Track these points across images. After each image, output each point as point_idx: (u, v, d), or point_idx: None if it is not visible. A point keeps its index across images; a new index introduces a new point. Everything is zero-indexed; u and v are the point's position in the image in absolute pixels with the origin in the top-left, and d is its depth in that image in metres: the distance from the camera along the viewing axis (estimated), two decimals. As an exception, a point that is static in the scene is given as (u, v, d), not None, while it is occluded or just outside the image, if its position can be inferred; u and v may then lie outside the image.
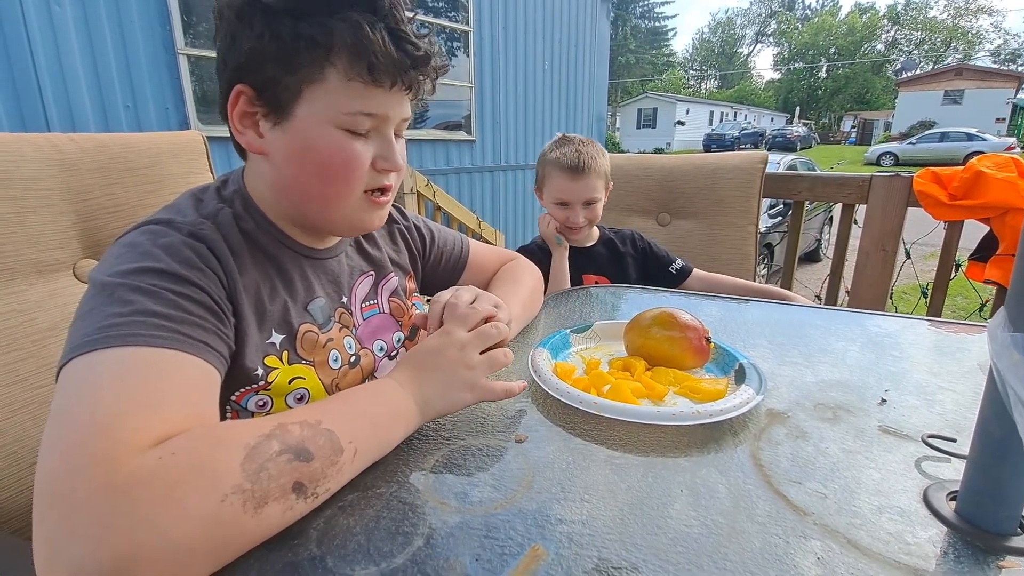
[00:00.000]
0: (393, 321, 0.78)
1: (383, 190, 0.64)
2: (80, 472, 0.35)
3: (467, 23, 4.75)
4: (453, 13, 4.76)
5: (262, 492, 0.37)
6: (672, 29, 56.03)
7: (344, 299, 0.71)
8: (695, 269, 1.37)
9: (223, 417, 0.61)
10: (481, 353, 0.58)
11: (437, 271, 0.89)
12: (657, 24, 54.41)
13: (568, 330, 0.80)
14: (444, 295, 0.64)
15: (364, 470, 0.47)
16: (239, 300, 0.57)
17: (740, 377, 0.65)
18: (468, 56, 4.83)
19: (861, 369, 0.71)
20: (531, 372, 0.66)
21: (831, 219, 4.91)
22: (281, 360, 0.62)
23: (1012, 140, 20.93)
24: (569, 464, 0.50)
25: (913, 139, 22.81)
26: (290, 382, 0.62)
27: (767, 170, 1.63)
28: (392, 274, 0.79)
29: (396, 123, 0.62)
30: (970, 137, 20.51)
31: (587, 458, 0.51)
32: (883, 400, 0.62)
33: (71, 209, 0.86)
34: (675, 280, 1.35)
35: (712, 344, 0.71)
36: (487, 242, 4.73)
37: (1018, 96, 29.27)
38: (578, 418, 0.58)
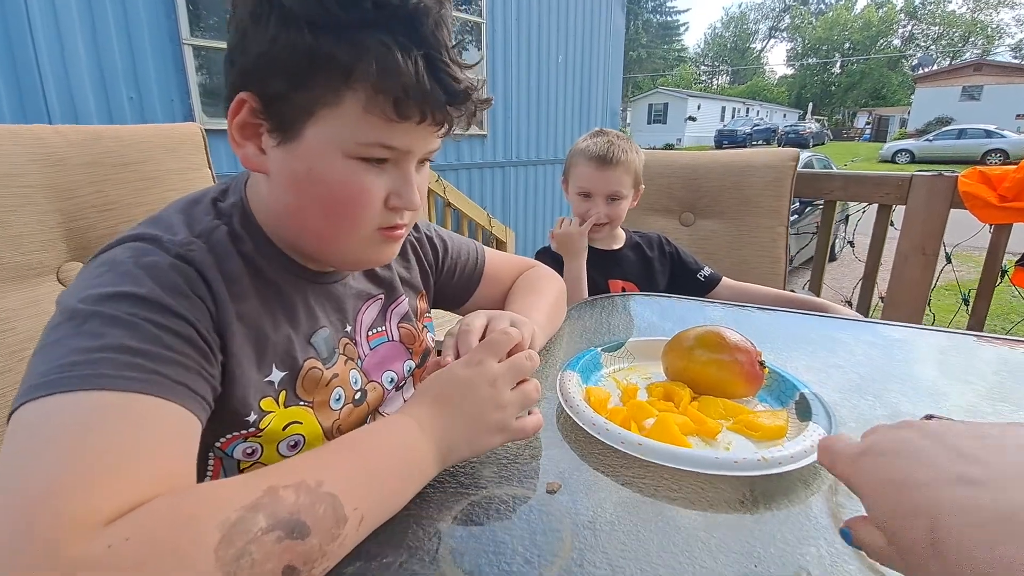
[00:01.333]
0: (403, 349, 0.70)
1: (395, 227, 0.55)
2: (15, 554, 0.28)
3: (480, 14, 4.65)
4: (465, 5, 4.66)
5: None
6: (684, 24, 55.47)
7: (348, 328, 0.63)
8: (724, 278, 1.29)
9: (204, 465, 0.54)
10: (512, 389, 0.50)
11: (451, 283, 0.80)
12: (669, 19, 53.85)
13: (599, 348, 0.71)
14: (474, 326, 0.58)
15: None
16: (230, 335, 0.49)
17: (803, 411, 0.57)
18: (480, 49, 4.73)
19: (937, 398, 0.62)
20: (560, 401, 0.58)
21: (846, 217, 4.77)
22: (277, 402, 0.54)
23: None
24: (614, 522, 0.42)
25: (930, 136, 22.38)
26: (284, 428, 0.54)
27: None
28: (403, 296, 0.71)
29: (420, 157, 0.54)
30: (988, 134, 20.08)
31: (634, 513, 0.43)
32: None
33: (56, 208, 0.80)
34: (703, 288, 1.28)
35: (766, 369, 0.62)
36: (497, 240, 4.67)
37: (1039, 92, 28.62)
38: (619, 460, 0.50)
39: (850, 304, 1.86)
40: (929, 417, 0.31)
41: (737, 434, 0.55)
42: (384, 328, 0.68)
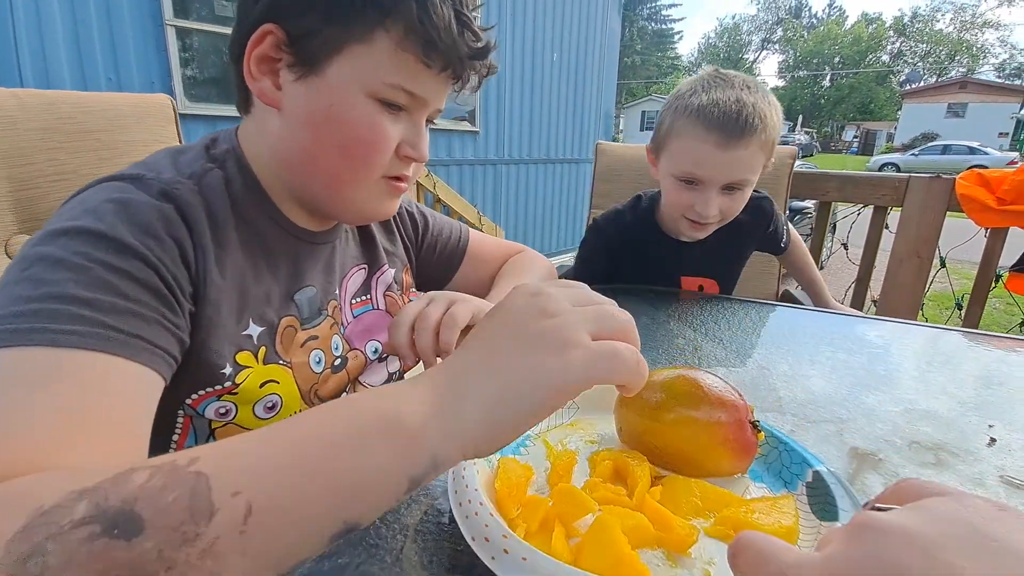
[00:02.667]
0: (389, 319, 0.67)
1: (401, 178, 0.55)
2: None
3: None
4: None
5: None
6: (679, 32, 55.86)
7: (336, 291, 0.61)
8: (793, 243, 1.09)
9: (171, 425, 0.50)
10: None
11: (432, 262, 0.76)
12: (664, 27, 54.25)
13: None
14: (411, 308, 0.53)
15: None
16: (209, 281, 0.46)
17: (820, 502, 0.37)
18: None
19: (948, 396, 0.59)
20: (450, 490, 0.36)
21: (834, 226, 4.78)
22: (256, 358, 0.51)
23: (1015, 155, 20.91)
24: None
25: (916, 150, 22.81)
26: (261, 386, 0.51)
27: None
28: (387, 266, 0.69)
29: (431, 111, 0.54)
30: (972, 151, 20.48)
31: None
32: (992, 440, 0.50)
33: (4, 175, 0.74)
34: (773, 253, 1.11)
35: (761, 433, 0.42)
36: (487, 237, 4.65)
37: (1022, 111, 29.31)
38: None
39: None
40: (877, 509, 0.21)
41: (722, 543, 0.35)
42: (369, 296, 0.66)
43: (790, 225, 1.11)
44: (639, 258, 0.99)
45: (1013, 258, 1.51)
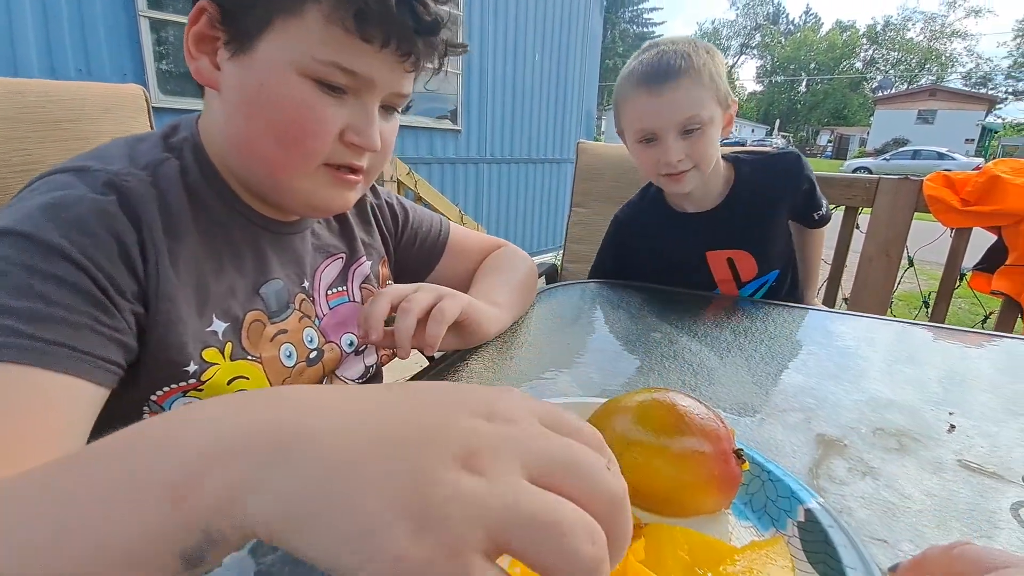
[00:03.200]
0: None
1: (352, 169, 0.52)
2: None
3: (457, 6, 4.59)
4: (442, -2, 4.60)
5: None
6: (660, 36, 56.44)
7: (306, 283, 0.59)
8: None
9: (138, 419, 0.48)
10: None
11: (411, 254, 0.76)
12: (645, 30, 54.80)
13: None
14: (396, 289, 0.53)
15: None
16: (163, 277, 0.44)
17: (814, 546, 0.32)
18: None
19: (912, 386, 0.61)
20: None
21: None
22: (223, 354, 0.49)
23: (980, 160, 21.65)
24: None
25: (887, 155, 23.47)
26: (229, 382, 0.50)
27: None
28: (364, 258, 0.67)
29: (385, 95, 0.51)
30: (940, 156, 21.18)
31: None
32: (952, 427, 0.52)
33: None
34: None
35: (745, 463, 0.37)
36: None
37: (987, 119, 30.33)
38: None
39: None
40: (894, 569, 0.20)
41: None
42: (345, 288, 0.65)
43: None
44: (659, 242, 0.99)
45: (976, 258, 1.57)
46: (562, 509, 0.16)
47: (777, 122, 48.22)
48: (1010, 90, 48.56)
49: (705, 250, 0.96)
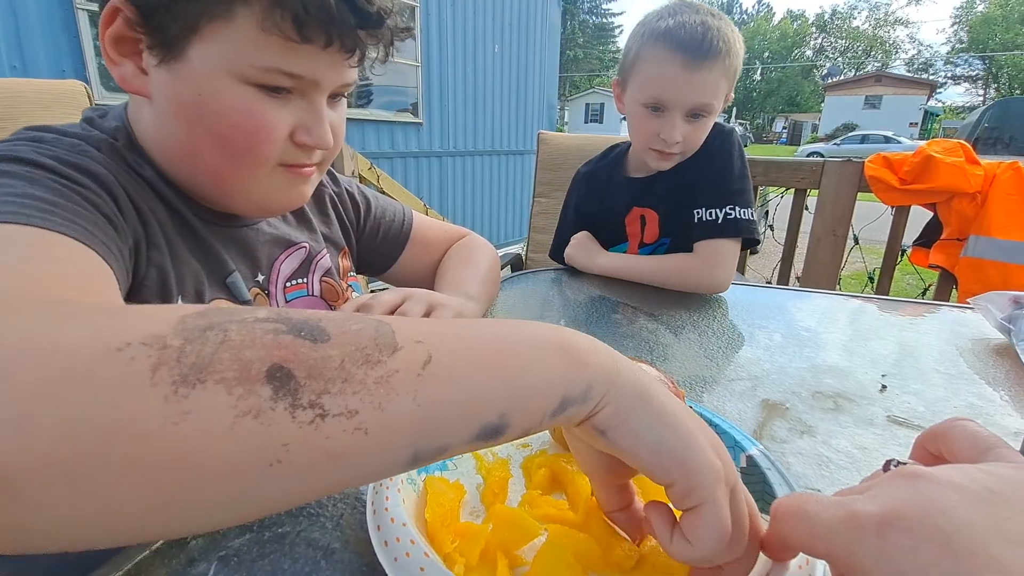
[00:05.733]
0: (324, 305, 0.65)
1: (305, 165, 0.51)
2: None
3: (410, -4, 4.52)
4: (398, -11, 4.52)
5: (202, 360, 0.18)
6: (619, 26, 56.89)
7: (261, 277, 0.58)
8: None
9: None
10: None
11: (374, 245, 0.76)
12: (604, 20, 55.17)
13: None
14: (385, 299, 0.52)
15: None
16: (151, 244, 0.46)
17: (754, 487, 0.33)
18: (415, 32, 4.61)
19: (849, 353, 0.65)
20: (371, 528, 0.30)
21: (766, 213, 5.05)
22: None
23: (923, 144, 22.69)
24: None
25: (838, 140, 24.35)
26: None
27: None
28: (324, 250, 0.66)
29: (332, 89, 0.49)
30: (887, 139, 22.10)
31: None
32: (883, 387, 0.56)
33: None
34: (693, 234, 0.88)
35: None
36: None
37: (929, 103, 31.82)
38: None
39: (770, 283, 1.96)
40: (887, 466, 0.23)
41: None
42: (305, 281, 0.63)
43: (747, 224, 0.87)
44: (604, 201, 1.00)
45: (915, 234, 1.66)
46: (732, 529, 0.25)
47: (734, 110, 49.41)
48: (949, 75, 51.10)
49: (633, 204, 0.96)
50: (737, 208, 0.86)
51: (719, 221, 0.86)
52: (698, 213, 0.87)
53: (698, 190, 0.88)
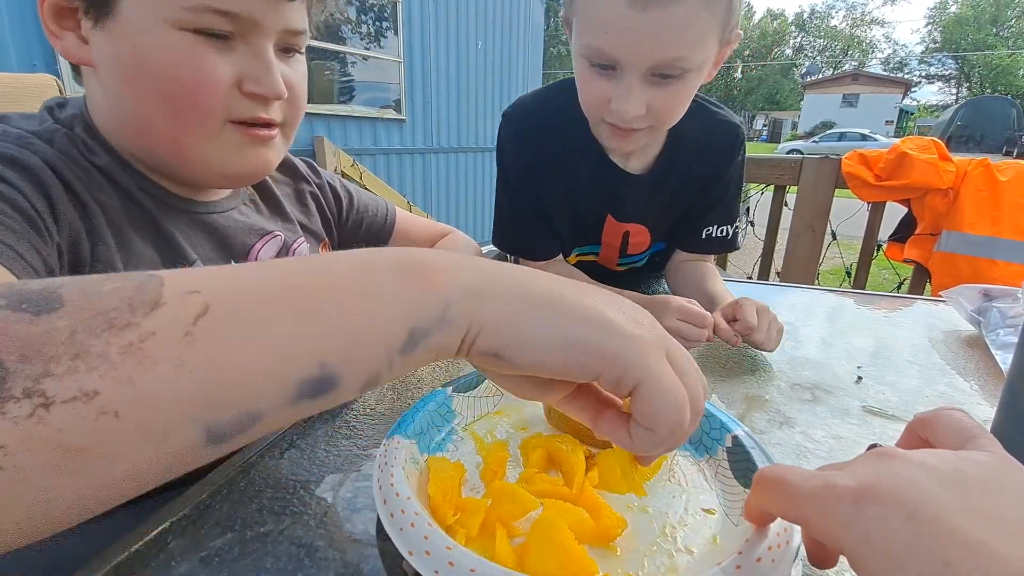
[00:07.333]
0: None
1: (264, 124, 0.49)
2: None
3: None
4: (380, -16, 4.48)
5: None
6: (601, 23, 57.13)
7: (234, 263, 0.57)
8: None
9: None
10: None
11: (356, 240, 0.75)
12: (587, 17, 55.32)
13: (449, 388, 0.43)
14: None
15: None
16: (96, 243, 0.44)
17: (739, 465, 0.36)
18: (396, 29, 4.57)
19: (826, 346, 0.66)
20: (377, 499, 0.30)
21: (747, 209, 5.14)
22: None
23: (898, 141, 23.23)
24: None
25: (816, 138, 24.80)
26: None
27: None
28: (301, 238, 0.65)
29: (278, 34, 0.47)
30: (864, 137, 22.57)
31: None
32: (859, 378, 0.57)
33: None
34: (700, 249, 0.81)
35: None
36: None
37: (904, 101, 32.53)
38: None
39: (751, 279, 1.99)
40: (872, 447, 0.24)
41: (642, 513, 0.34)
42: None
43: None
44: (578, 200, 0.76)
45: (891, 229, 1.70)
46: (685, 394, 0.25)
47: (716, 107, 49.95)
48: (923, 74, 52.30)
49: (609, 212, 0.78)
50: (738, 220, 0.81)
51: (728, 237, 0.82)
52: (708, 230, 0.79)
53: (707, 206, 0.78)
